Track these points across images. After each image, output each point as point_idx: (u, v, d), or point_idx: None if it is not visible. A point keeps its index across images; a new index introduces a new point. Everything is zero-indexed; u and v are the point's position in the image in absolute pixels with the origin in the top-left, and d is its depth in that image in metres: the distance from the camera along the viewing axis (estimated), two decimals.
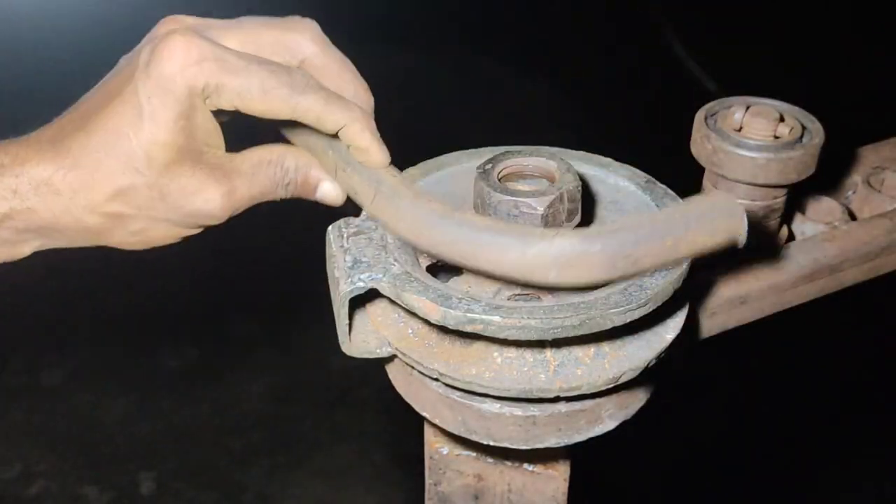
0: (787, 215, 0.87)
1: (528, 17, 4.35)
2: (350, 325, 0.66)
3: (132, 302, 2.97)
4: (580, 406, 0.64)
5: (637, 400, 0.68)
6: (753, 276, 0.81)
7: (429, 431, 0.77)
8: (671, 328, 0.66)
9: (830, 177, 0.94)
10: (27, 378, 2.73)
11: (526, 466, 0.77)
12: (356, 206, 0.69)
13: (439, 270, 0.71)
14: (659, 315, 0.64)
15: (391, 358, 0.69)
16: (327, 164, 0.69)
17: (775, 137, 0.78)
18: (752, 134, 0.78)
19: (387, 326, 0.66)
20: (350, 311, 0.64)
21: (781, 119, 0.79)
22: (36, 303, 2.96)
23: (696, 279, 0.76)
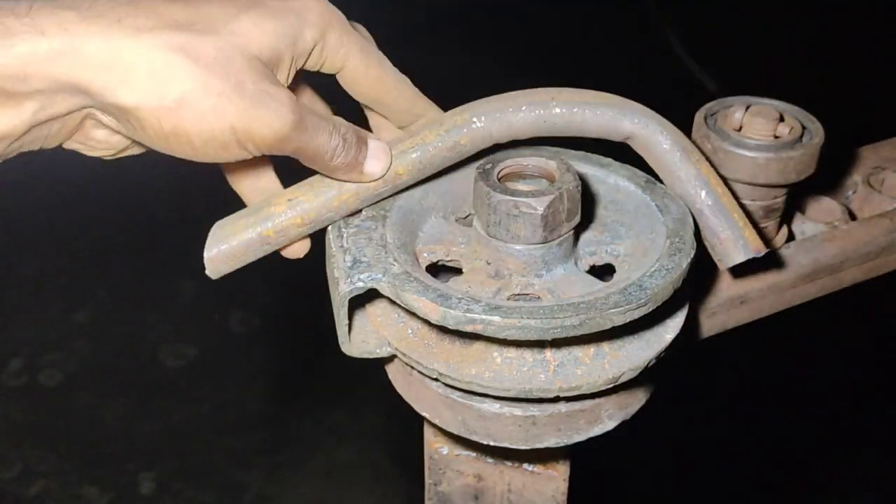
0: (787, 215, 0.87)
1: (529, 18, 4.35)
2: (350, 325, 0.66)
3: (132, 302, 2.97)
4: (580, 406, 0.64)
5: (637, 400, 0.68)
6: (753, 276, 0.81)
7: (429, 431, 0.77)
8: (671, 328, 0.66)
9: (830, 177, 0.94)
10: (27, 378, 2.73)
11: (526, 466, 0.77)
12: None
13: (439, 270, 0.71)
14: (659, 315, 0.64)
15: (391, 358, 0.69)
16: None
17: (775, 137, 0.78)
18: (752, 134, 0.78)
19: (386, 326, 0.66)
20: (350, 311, 0.64)
21: (781, 119, 0.79)
22: (36, 303, 2.96)
23: (696, 279, 0.76)
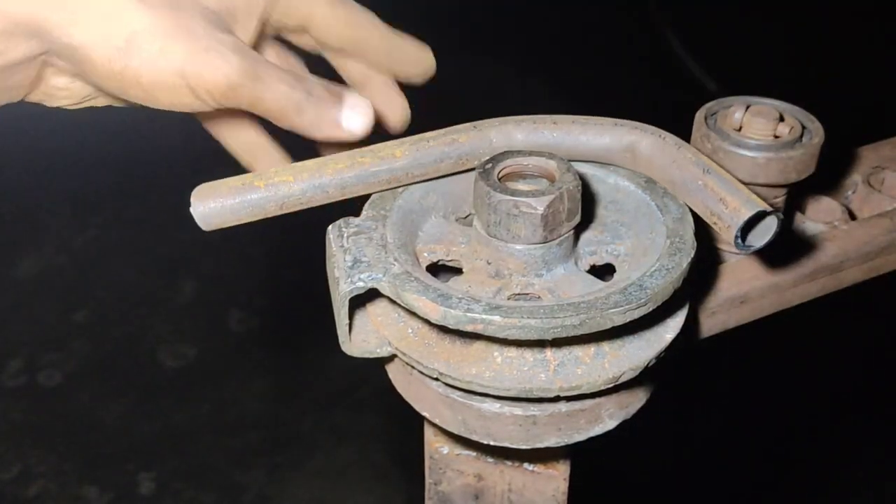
0: (787, 215, 0.87)
1: (529, 18, 4.36)
2: (350, 325, 0.66)
3: (132, 302, 2.97)
4: (580, 405, 0.64)
5: (637, 400, 0.68)
6: (753, 276, 0.81)
7: (429, 431, 0.77)
8: (671, 328, 0.66)
9: (830, 177, 0.94)
10: (27, 378, 2.73)
11: (526, 466, 0.77)
12: (357, 207, 0.69)
13: (440, 270, 0.71)
14: (659, 315, 0.64)
15: (391, 358, 0.69)
16: None
17: (775, 137, 0.78)
18: (752, 133, 0.78)
19: (387, 326, 0.66)
20: (350, 311, 0.64)
21: (781, 119, 0.79)
22: (35, 302, 2.96)
23: (696, 279, 0.76)
